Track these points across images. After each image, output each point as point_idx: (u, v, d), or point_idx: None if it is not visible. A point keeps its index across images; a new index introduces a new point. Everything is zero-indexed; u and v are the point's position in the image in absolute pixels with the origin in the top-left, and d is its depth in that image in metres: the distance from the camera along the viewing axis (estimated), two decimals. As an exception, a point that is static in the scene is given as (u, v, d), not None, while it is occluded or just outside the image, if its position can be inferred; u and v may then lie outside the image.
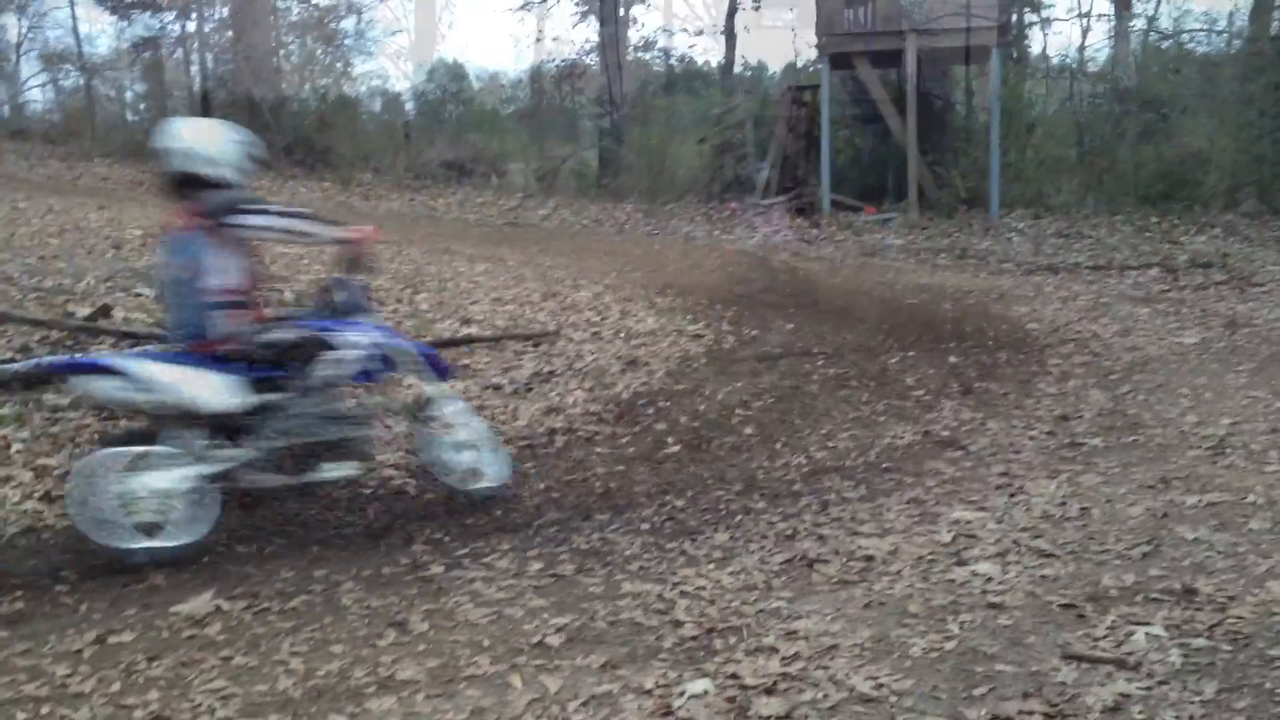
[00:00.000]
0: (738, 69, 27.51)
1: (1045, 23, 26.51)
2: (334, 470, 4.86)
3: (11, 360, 6.37)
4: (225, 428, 4.61)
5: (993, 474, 5.27)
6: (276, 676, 3.37)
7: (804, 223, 16.71)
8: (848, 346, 8.17)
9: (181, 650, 3.53)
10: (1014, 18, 20.92)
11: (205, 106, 24.69)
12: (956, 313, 9.48)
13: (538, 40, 38.44)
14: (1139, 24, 23.72)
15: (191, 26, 26.14)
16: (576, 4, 26.42)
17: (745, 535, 4.57)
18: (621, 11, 25.60)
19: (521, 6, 26.63)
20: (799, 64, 24.60)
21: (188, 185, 4.72)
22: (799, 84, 20.94)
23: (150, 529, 4.40)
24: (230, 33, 24.54)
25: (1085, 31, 27.92)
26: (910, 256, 13.43)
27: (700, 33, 28.79)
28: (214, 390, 4.52)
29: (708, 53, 49.49)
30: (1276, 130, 17.68)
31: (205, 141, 4.79)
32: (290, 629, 3.69)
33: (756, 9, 29.47)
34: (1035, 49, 25.66)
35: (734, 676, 3.27)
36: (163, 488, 4.43)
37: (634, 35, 26.41)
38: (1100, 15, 28.76)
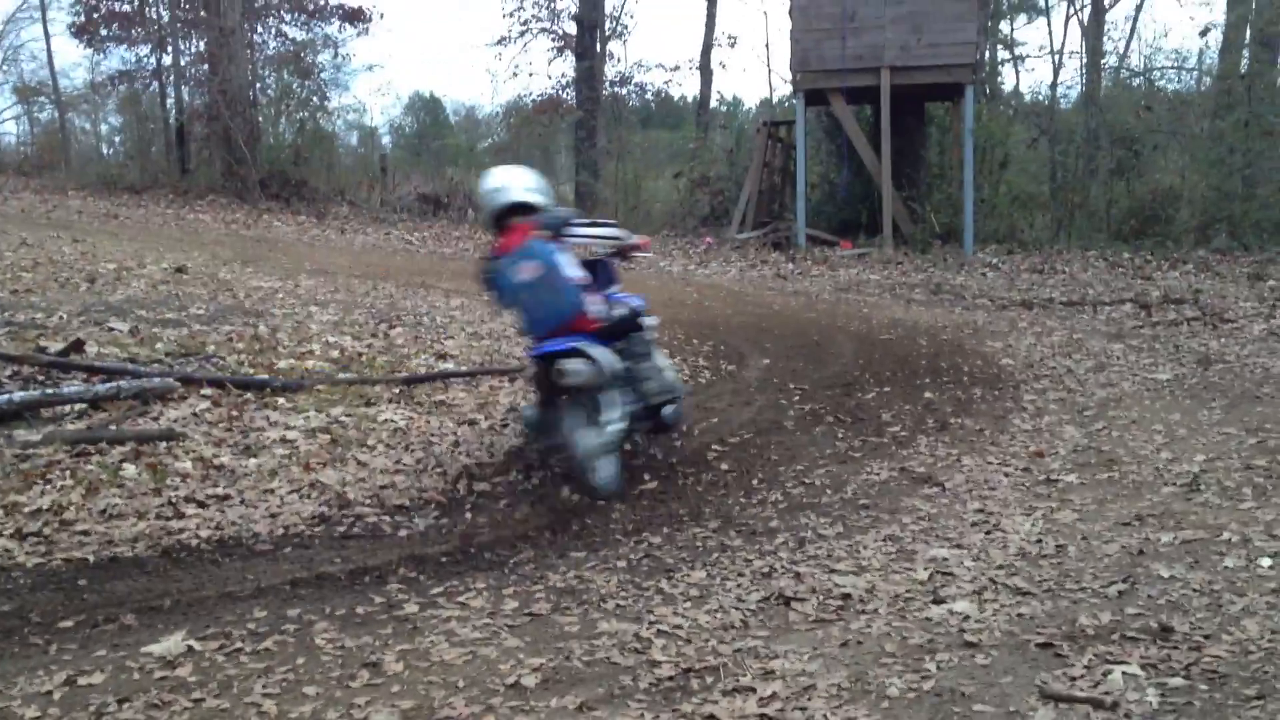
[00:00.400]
0: (713, 104, 27.72)
1: (1018, 60, 26.88)
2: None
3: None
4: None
5: (969, 511, 5.27)
6: (249, 719, 3.33)
7: (780, 257, 16.79)
8: (824, 382, 8.18)
9: (152, 692, 3.47)
10: (986, 55, 21.19)
11: (181, 139, 24.67)
12: (932, 348, 9.52)
13: (514, 75, 38.58)
14: (1110, 61, 24.08)
15: (167, 60, 26.10)
16: (553, 39, 26.55)
17: (722, 573, 4.55)
18: (598, 47, 25.75)
19: (498, 42, 26.74)
20: (774, 99, 24.79)
21: (517, 212, 5.98)
22: (774, 119, 21.11)
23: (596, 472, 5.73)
24: (206, 66, 24.52)
25: (1057, 69, 28.17)
26: (885, 291, 13.49)
27: (676, 68, 28.92)
28: (611, 360, 5.79)
29: (684, 88, 49.87)
30: (1246, 167, 17.93)
31: (525, 179, 6.15)
32: (263, 670, 3.64)
33: (733, 45, 29.70)
34: (1008, 86, 25.99)
35: (711, 717, 3.25)
36: (605, 441, 5.77)
37: (610, 70, 26.54)
38: (1072, 53, 29.11)
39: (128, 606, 4.19)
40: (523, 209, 5.99)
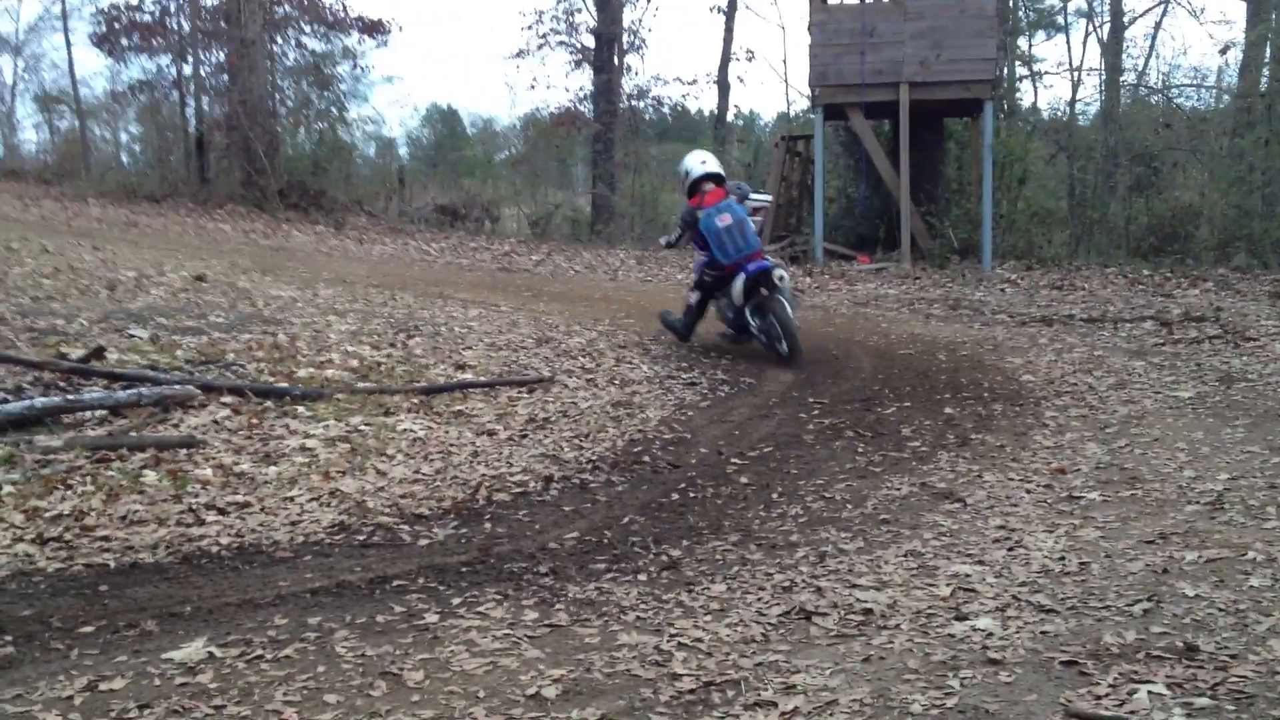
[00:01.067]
0: (730, 118, 27.74)
1: (1036, 76, 26.85)
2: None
3: (3, 401, 6.35)
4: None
5: (990, 527, 5.24)
6: (269, 727, 3.32)
7: (797, 271, 16.77)
8: (843, 396, 8.16)
9: (174, 698, 3.47)
10: (1005, 71, 21.16)
11: (200, 149, 24.78)
12: (951, 363, 9.49)
13: (531, 87, 38.70)
14: (1129, 78, 24.04)
15: (188, 70, 26.23)
16: (571, 52, 26.61)
17: (742, 586, 4.53)
18: (616, 60, 25.80)
19: (516, 54, 26.82)
20: (791, 114, 24.80)
21: (712, 180, 9.69)
22: (792, 134, 21.09)
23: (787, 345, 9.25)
24: (226, 76, 24.64)
25: (1076, 85, 28.13)
26: (904, 306, 13.46)
27: (694, 82, 28.94)
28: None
29: (700, 101, 49.98)
30: (1266, 185, 17.85)
31: (715, 159, 10.10)
32: (283, 677, 3.64)
33: (750, 60, 29.73)
34: (1026, 102, 25.95)
35: (734, 732, 3.24)
36: (795, 322, 9.38)
37: (627, 84, 26.58)
38: (1090, 69, 29.08)
39: (149, 612, 4.18)
40: (715, 178, 9.71)
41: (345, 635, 4.00)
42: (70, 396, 6.52)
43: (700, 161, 9.83)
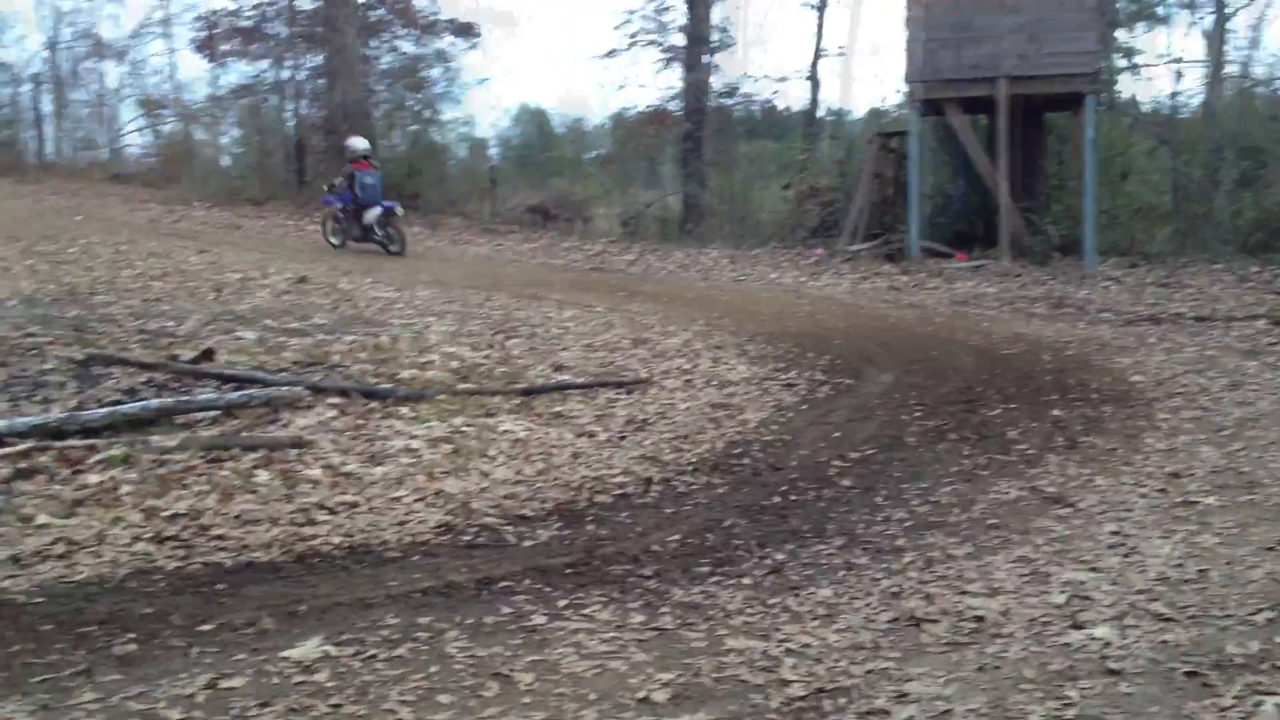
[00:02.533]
0: (821, 114, 27.47)
1: (1135, 69, 26.18)
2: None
3: (119, 402, 6.52)
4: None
5: (1104, 533, 5.12)
6: (385, 726, 3.37)
7: (893, 269, 16.58)
8: (945, 398, 8.04)
9: (292, 697, 3.53)
10: (1105, 63, 20.67)
11: (299, 152, 25.23)
12: (1056, 364, 9.28)
13: (621, 87, 38.75)
14: (1233, 70, 23.37)
15: (286, 74, 26.74)
16: (661, 51, 26.58)
17: (849, 592, 4.49)
18: (705, 58, 25.73)
19: (607, 54, 26.87)
20: (884, 109, 24.51)
21: (365, 157, 17.14)
22: (886, 130, 20.82)
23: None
24: (323, 80, 25.06)
25: (1178, 78, 27.36)
26: (1004, 305, 13.21)
27: (784, 79, 28.65)
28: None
29: (791, 98, 49.57)
30: (1380, 179, 17.21)
31: (368, 142, 18.19)
32: (398, 677, 3.69)
33: (841, 55, 29.45)
34: (1126, 95, 25.32)
35: (849, 740, 3.21)
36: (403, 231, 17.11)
37: (717, 81, 26.46)
38: (1193, 62, 28.24)
39: (265, 611, 4.27)
40: (367, 156, 17.02)
41: (455, 635, 4.04)
42: (183, 397, 6.69)
43: (363, 145, 17.51)
